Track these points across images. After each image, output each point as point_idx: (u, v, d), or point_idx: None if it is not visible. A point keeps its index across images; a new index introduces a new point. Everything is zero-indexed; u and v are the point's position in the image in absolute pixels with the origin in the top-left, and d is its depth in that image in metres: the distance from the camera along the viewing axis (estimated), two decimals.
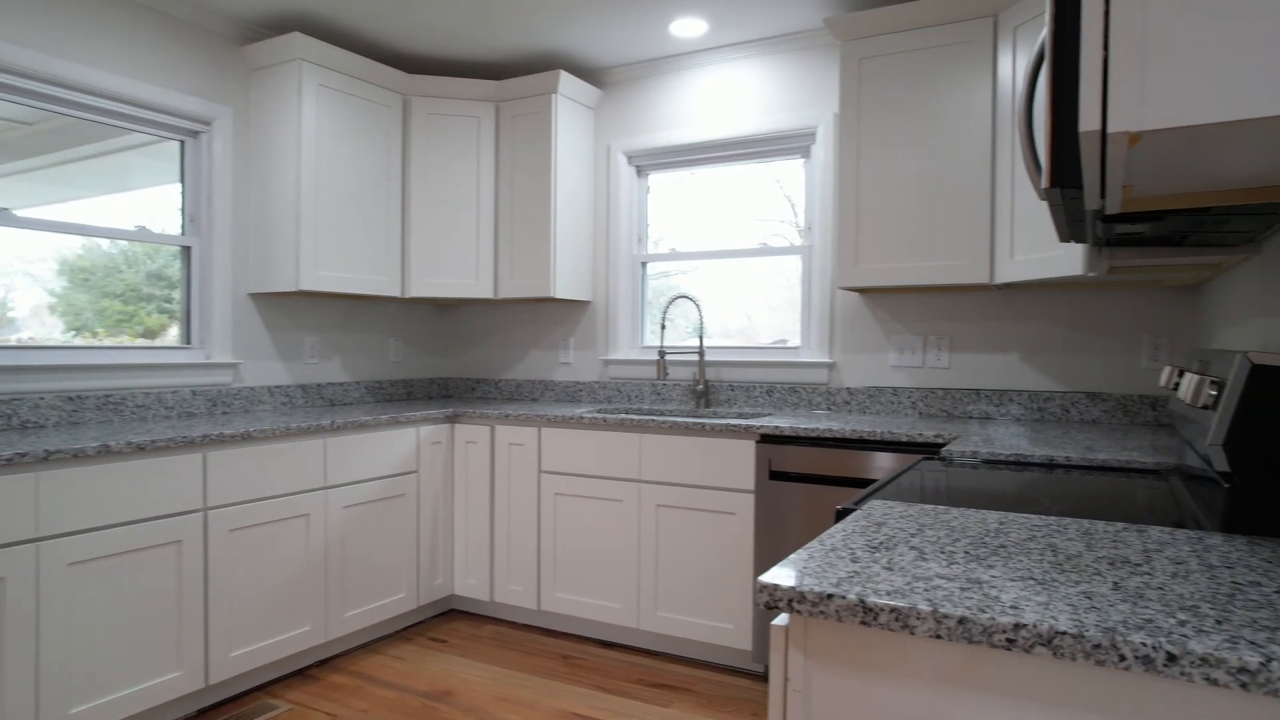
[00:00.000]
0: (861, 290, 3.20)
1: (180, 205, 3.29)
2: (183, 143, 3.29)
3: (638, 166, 4.00)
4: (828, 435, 2.76)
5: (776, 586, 0.94)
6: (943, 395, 3.21)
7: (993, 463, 2.08)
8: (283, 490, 2.88)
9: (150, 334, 3.25)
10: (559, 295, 3.77)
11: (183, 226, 3.29)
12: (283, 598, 2.89)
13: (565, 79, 3.72)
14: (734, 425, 2.94)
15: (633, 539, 3.18)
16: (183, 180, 3.29)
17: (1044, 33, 1.14)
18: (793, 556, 1.06)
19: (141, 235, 3.14)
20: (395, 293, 3.74)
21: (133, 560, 2.43)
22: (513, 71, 4.01)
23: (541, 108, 3.76)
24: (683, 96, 3.80)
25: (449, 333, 4.52)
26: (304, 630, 2.96)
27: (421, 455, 3.47)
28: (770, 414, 3.37)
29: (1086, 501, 1.57)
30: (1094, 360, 2.98)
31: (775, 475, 2.86)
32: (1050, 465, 2.05)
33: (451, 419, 3.62)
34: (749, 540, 2.93)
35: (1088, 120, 0.83)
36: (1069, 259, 2.43)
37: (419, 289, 3.79)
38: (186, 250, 3.30)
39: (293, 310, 3.67)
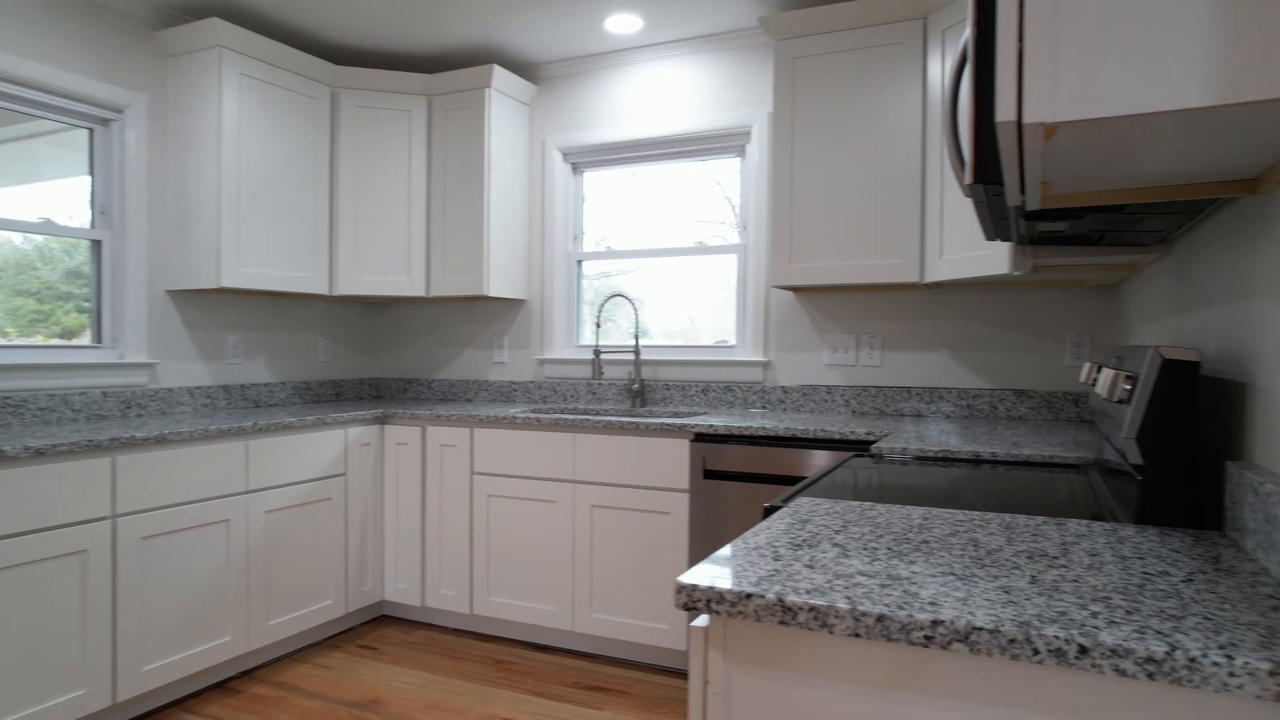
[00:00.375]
0: (795, 289, 3.21)
1: (90, 197, 3.13)
2: (92, 131, 3.12)
3: (573, 164, 3.95)
4: (761, 434, 2.76)
5: (695, 587, 0.92)
6: (875, 393, 3.25)
7: (921, 459, 2.10)
8: (201, 495, 2.76)
9: (69, 334, 3.08)
10: (493, 293, 3.70)
11: (92, 219, 3.13)
12: (201, 607, 2.76)
13: (499, 74, 3.66)
14: (668, 424, 2.92)
15: (567, 540, 3.14)
16: (92, 171, 3.13)
17: (968, 31, 1.14)
18: (714, 556, 1.04)
19: (46, 228, 2.97)
20: (323, 290, 3.63)
21: (31, 572, 2.29)
22: (446, 65, 3.93)
23: (475, 102, 3.69)
24: (619, 93, 3.77)
25: (380, 332, 4.41)
26: (224, 641, 2.84)
27: (350, 457, 3.37)
28: (705, 413, 3.36)
29: (1010, 496, 1.58)
30: (1020, 358, 3.04)
31: (710, 474, 2.85)
32: (977, 461, 2.07)
33: (381, 420, 3.52)
34: (684, 540, 2.91)
35: (1004, 111, 0.83)
36: (995, 258, 2.47)
37: (348, 286, 3.69)
38: (97, 245, 3.13)
39: (214, 308, 3.52)
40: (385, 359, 4.40)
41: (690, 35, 3.53)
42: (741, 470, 2.79)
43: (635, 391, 3.64)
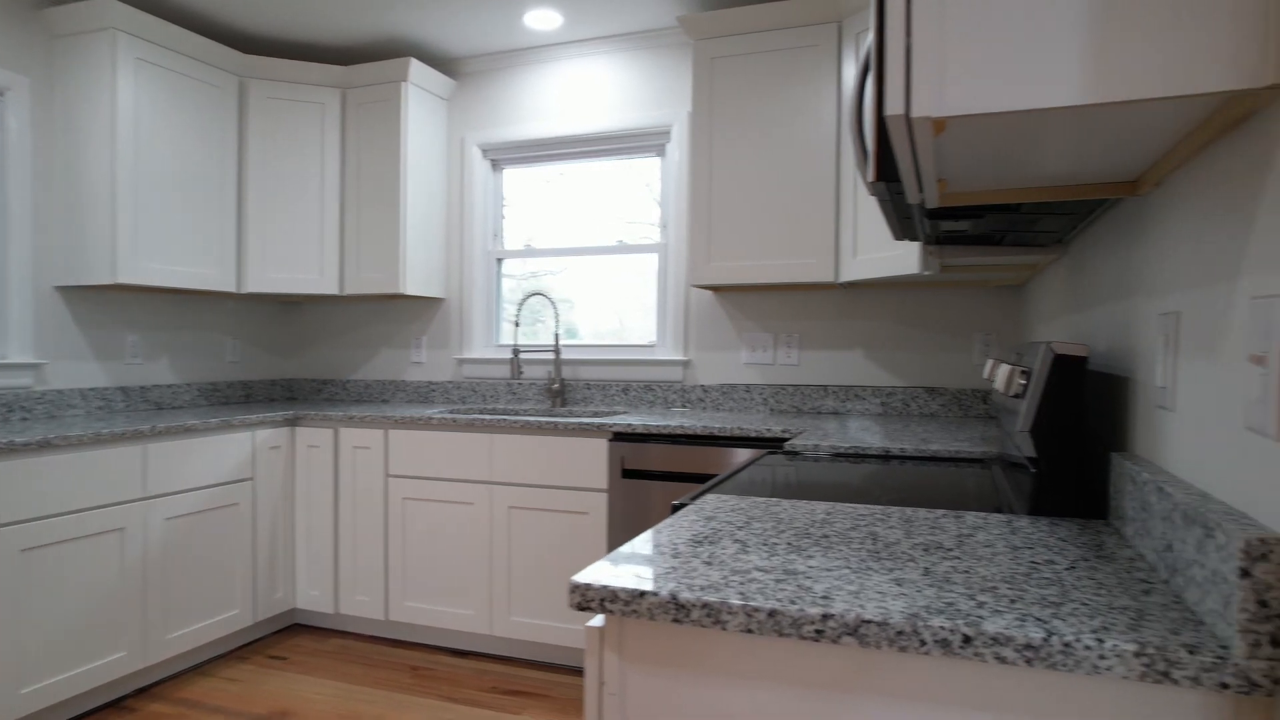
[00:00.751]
0: (714, 288, 3.23)
1: None
2: None
3: (493, 160, 3.90)
4: (679, 432, 2.76)
5: (588, 586, 0.90)
6: (793, 391, 3.29)
7: (833, 456, 2.13)
8: (92, 503, 2.61)
9: None
10: (410, 292, 3.61)
11: None
12: (92, 621, 2.61)
13: (416, 67, 3.58)
14: (586, 424, 2.90)
15: (484, 542, 3.08)
16: None
17: (871, 32, 1.15)
18: (612, 554, 1.02)
19: None
20: (230, 288, 3.48)
21: None
22: (361, 57, 3.82)
23: (391, 96, 3.59)
24: (539, 90, 3.73)
25: (293, 331, 4.26)
26: (119, 656, 2.70)
27: (258, 461, 3.24)
28: (625, 412, 3.35)
29: (916, 491, 1.61)
30: (932, 356, 3.12)
31: (628, 473, 2.84)
32: (887, 457, 2.11)
33: (292, 422, 3.40)
34: (602, 539, 2.89)
35: (892, 105, 0.83)
36: (906, 258, 2.52)
37: (257, 284, 3.55)
38: None
39: (111, 305, 3.34)
40: (298, 359, 4.25)
41: (610, 33, 3.51)
42: (660, 469, 2.79)
43: (555, 391, 3.60)
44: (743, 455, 2.69)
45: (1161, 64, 0.75)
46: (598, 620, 0.94)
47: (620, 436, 2.86)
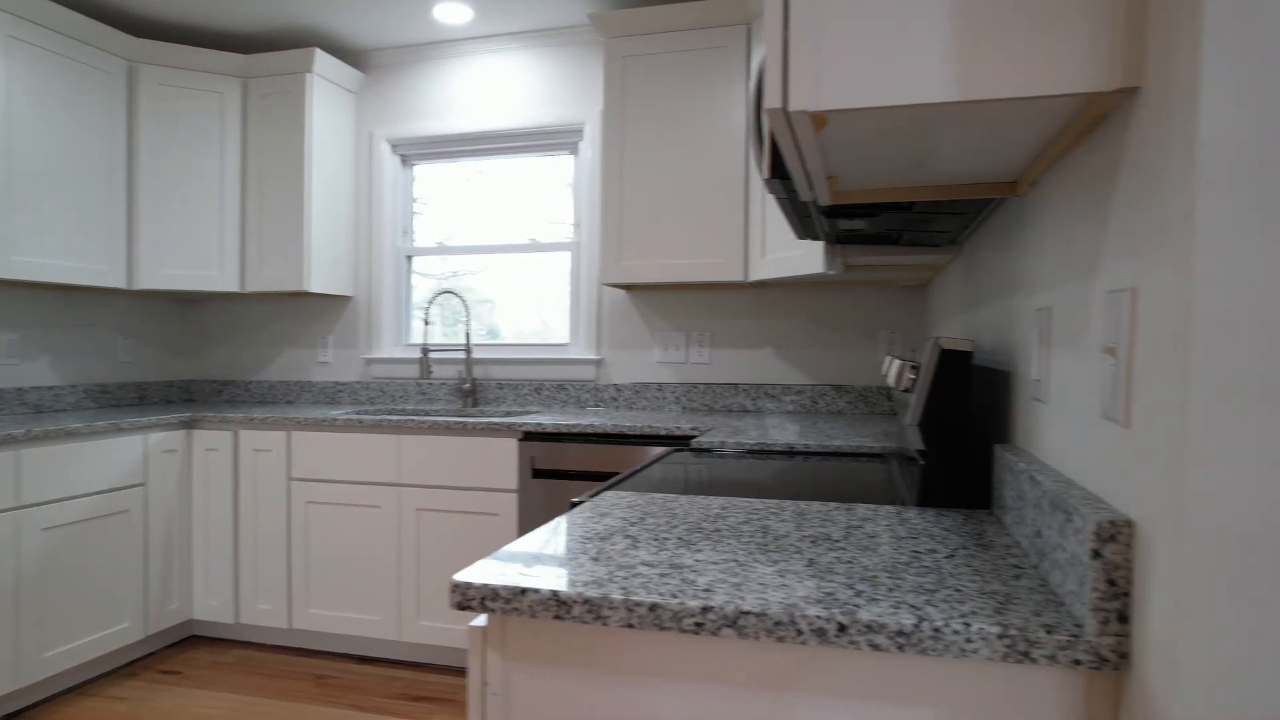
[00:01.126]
0: (626, 287, 3.23)
1: None
2: None
3: (403, 155, 3.81)
4: (589, 431, 2.75)
5: (469, 585, 0.88)
6: (704, 390, 3.32)
7: (739, 453, 2.15)
8: None
9: None
10: (315, 289, 3.50)
11: None
12: None
13: (321, 58, 3.47)
14: (496, 424, 2.86)
15: (392, 546, 3.00)
16: None
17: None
18: (498, 553, 1.00)
19: None
20: (120, 284, 3.30)
21: None
22: (263, 46, 3.68)
23: (295, 87, 3.47)
24: (450, 85, 3.66)
25: (191, 330, 4.07)
26: None
27: (150, 466, 3.08)
28: (538, 412, 3.32)
29: (814, 485, 1.64)
30: (838, 355, 3.19)
31: (539, 473, 2.81)
32: (791, 453, 2.14)
33: (188, 424, 3.24)
34: (512, 540, 2.85)
35: (771, 98, 0.84)
36: (812, 258, 2.57)
37: (150, 280, 3.38)
38: None
39: None
40: (198, 360, 4.07)
41: (522, 29, 3.48)
42: (570, 468, 2.77)
43: (467, 391, 3.54)
44: (654, 453, 2.69)
45: (1022, 66, 0.77)
46: (481, 620, 0.92)
47: (530, 436, 2.83)
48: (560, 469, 2.79)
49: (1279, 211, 0.60)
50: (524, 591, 0.86)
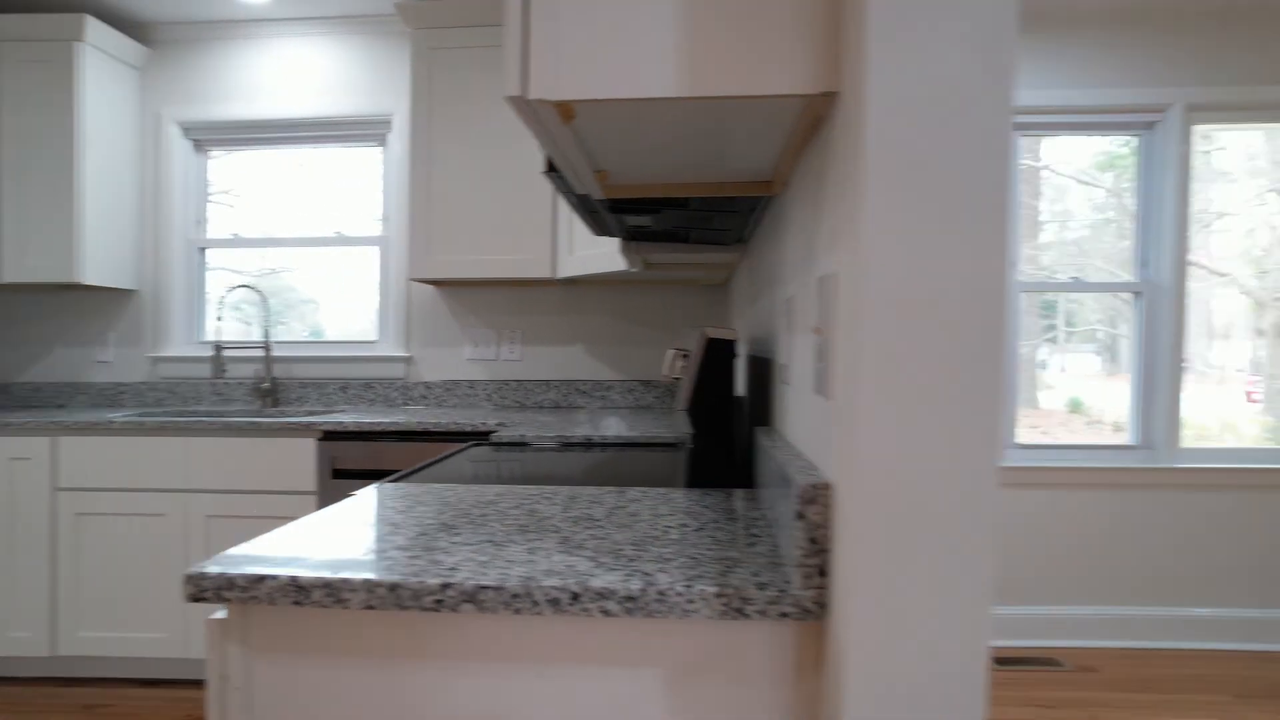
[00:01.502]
0: (435, 283, 3.17)
1: None
2: None
3: (195, 140, 3.54)
4: (392, 429, 2.68)
5: (202, 575, 0.84)
6: (516, 387, 3.31)
7: (540, 446, 2.17)
8: None
9: None
10: (89, 281, 3.18)
11: None
12: None
13: (94, 26, 3.16)
14: (292, 424, 2.72)
15: (178, 557, 2.79)
16: None
17: None
18: (242, 545, 0.96)
19: None
20: None
21: None
22: (22, 6, 3.31)
23: (61, 55, 3.14)
24: (250, 69, 3.45)
25: None
26: None
27: None
28: (342, 411, 3.19)
29: (601, 472, 1.68)
30: (647, 351, 3.28)
31: (339, 474, 2.70)
32: (589, 444, 2.19)
33: None
34: None
35: (509, 87, 0.86)
36: (615, 256, 2.63)
37: None
38: None
39: None
40: None
41: (327, 14, 3.33)
42: (372, 468, 2.68)
43: (265, 391, 3.35)
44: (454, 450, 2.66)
45: (740, 67, 0.84)
46: (221, 613, 0.88)
47: (331, 436, 2.72)
48: (363, 468, 2.69)
49: (930, 205, 0.68)
50: (261, 579, 0.83)
